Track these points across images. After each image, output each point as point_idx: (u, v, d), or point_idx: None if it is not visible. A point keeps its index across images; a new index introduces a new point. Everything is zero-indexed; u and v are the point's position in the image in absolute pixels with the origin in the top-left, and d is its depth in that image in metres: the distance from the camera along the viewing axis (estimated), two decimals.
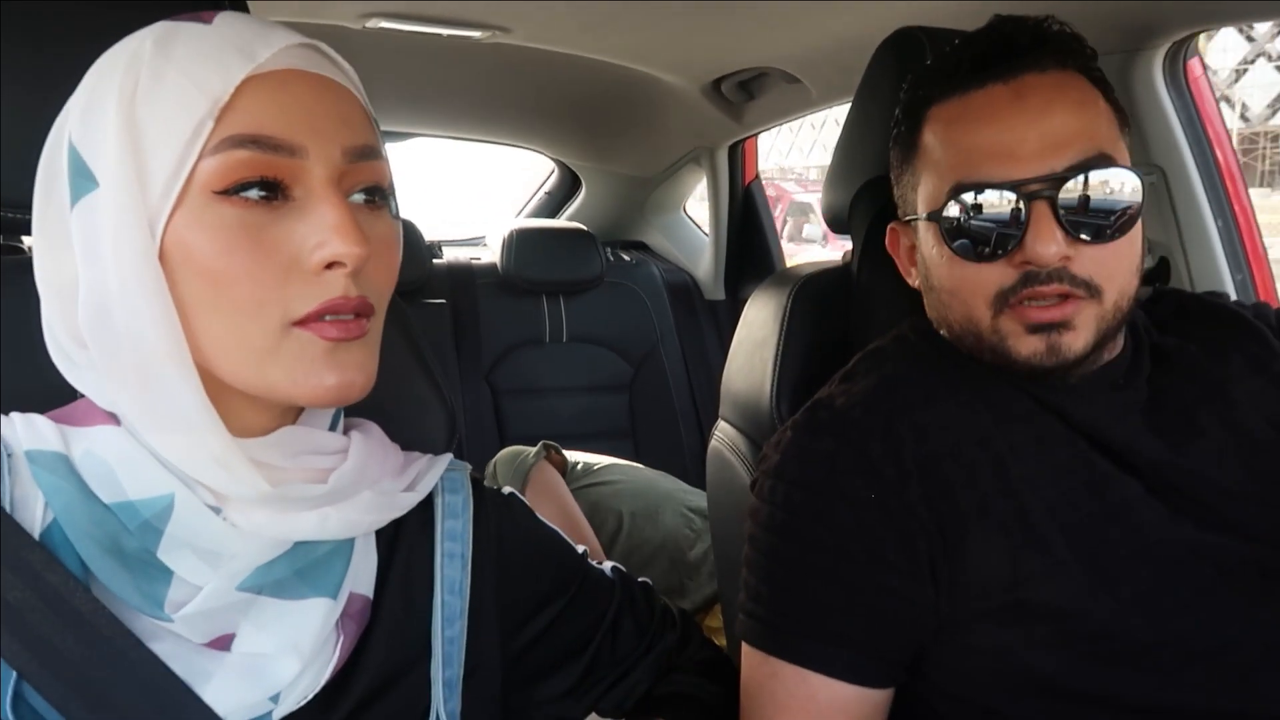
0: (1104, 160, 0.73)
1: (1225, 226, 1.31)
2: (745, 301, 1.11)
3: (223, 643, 0.55)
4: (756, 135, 2.34)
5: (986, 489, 0.74)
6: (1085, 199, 0.72)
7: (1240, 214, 1.33)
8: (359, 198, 0.56)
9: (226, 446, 0.53)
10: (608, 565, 0.81)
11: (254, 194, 0.51)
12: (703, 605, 1.81)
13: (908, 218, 0.84)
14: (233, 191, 0.51)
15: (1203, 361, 0.83)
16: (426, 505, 0.68)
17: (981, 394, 0.80)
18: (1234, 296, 1.31)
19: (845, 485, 0.76)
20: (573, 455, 1.98)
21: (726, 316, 2.60)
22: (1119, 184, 0.73)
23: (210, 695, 0.54)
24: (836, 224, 1.08)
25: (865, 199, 1.01)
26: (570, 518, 1.78)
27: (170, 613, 0.53)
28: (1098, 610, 0.71)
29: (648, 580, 0.84)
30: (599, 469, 1.93)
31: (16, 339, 0.62)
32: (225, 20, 0.55)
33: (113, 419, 0.55)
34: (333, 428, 0.63)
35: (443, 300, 2.36)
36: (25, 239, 0.87)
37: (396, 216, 0.61)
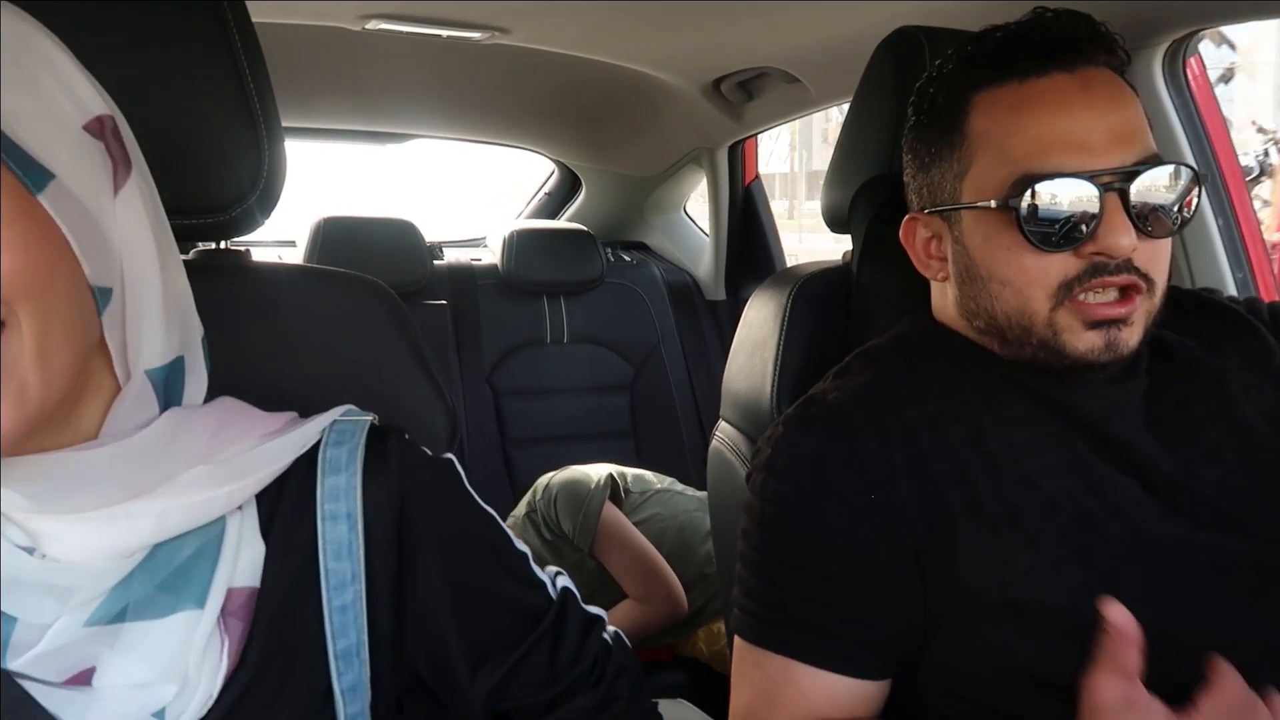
0: (1160, 158, 0.74)
1: (1226, 225, 1.32)
2: (746, 301, 1.11)
3: (82, 678, 0.52)
4: (756, 135, 2.34)
5: (978, 488, 0.75)
6: (1154, 194, 0.74)
7: (1241, 212, 1.33)
8: None
9: None
10: (560, 583, 0.72)
11: None
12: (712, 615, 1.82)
13: (940, 207, 0.81)
14: None
15: (1201, 357, 0.83)
16: (312, 466, 0.61)
17: (979, 393, 0.80)
18: (1235, 294, 1.31)
19: (834, 480, 0.76)
20: (615, 470, 1.94)
21: (727, 316, 2.59)
22: (1179, 181, 0.75)
23: None
24: (836, 223, 1.08)
25: (865, 198, 1.01)
26: (644, 558, 1.75)
27: (13, 658, 0.50)
28: (1093, 607, 0.71)
29: (600, 615, 0.73)
30: (644, 506, 1.88)
31: None
32: None
33: None
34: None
35: (443, 301, 2.36)
36: None
37: (33, 189, 0.47)
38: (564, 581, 0.72)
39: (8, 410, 0.46)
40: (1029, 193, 0.72)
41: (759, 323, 1.05)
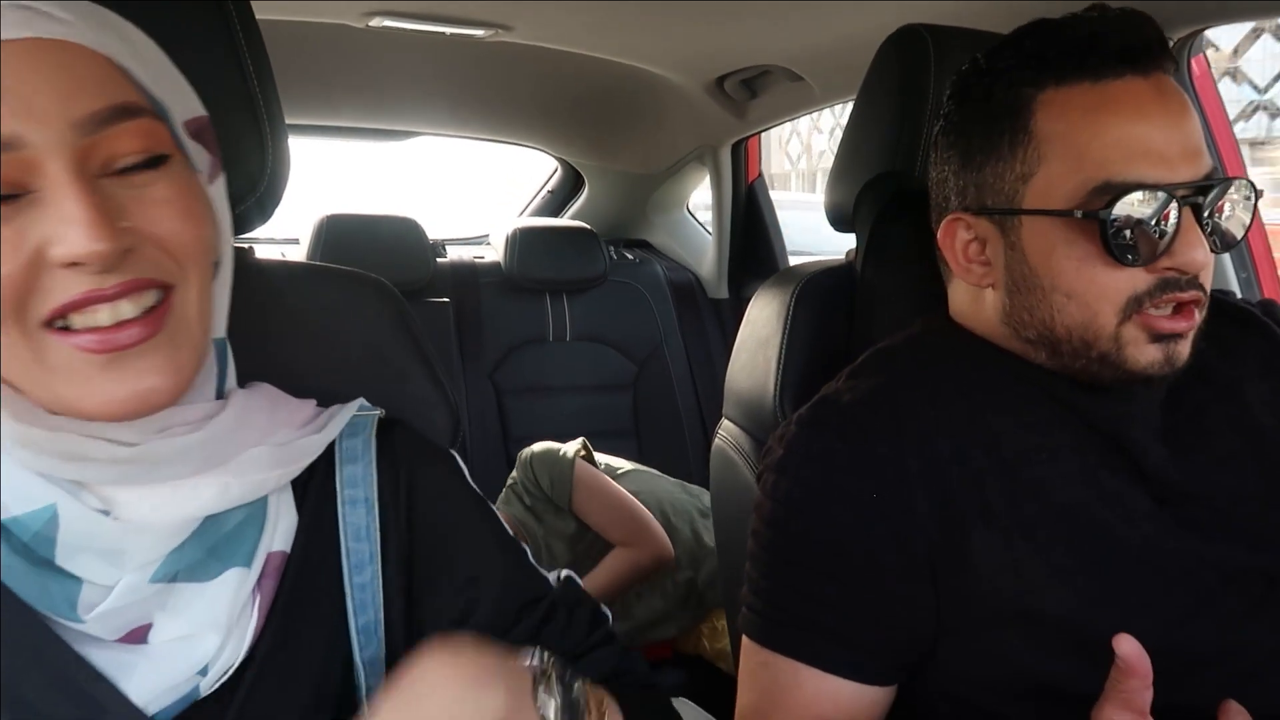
0: (1219, 172, 0.72)
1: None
2: (749, 300, 1.11)
3: (138, 635, 0.54)
4: (759, 133, 2.34)
5: (991, 495, 0.74)
6: (1220, 210, 0.71)
7: None
8: (123, 170, 0.50)
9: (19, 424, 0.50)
10: (560, 573, 0.73)
11: None
12: (710, 608, 1.82)
13: (995, 210, 0.76)
14: None
15: (1215, 361, 0.82)
16: (330, 454, 0.65)
17: (994, 397, 0.78)
18: (1239, 294, 1.31)
19: (845, 483, 0.75)
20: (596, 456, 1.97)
21: (730, 315, 2.59)
22: (1242, 196, 0.73)
23: (135, 685, 0.53)
24: (840, 221, 1.08)
25: (869, 196, 1.00)
26: (623, 504, 1.80)
27: (84, 613, 0.52)
28: (1103, 618, 0.70)
29: (606, 614, 0.73)
30: (619, 476, 1.92)
31: None
32: None
33: None
34: (220, 396, 0.61)
35: (446, 299, 2.36)
36: None
37: (192, 163, 0.55)
38: (566, 573, 0.74)
39: (174, 378, 0.52)
40: (1112, 203, 0.69)
41: (762, 321, 1.04)
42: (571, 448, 1.88)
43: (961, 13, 1.23)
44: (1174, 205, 0.69)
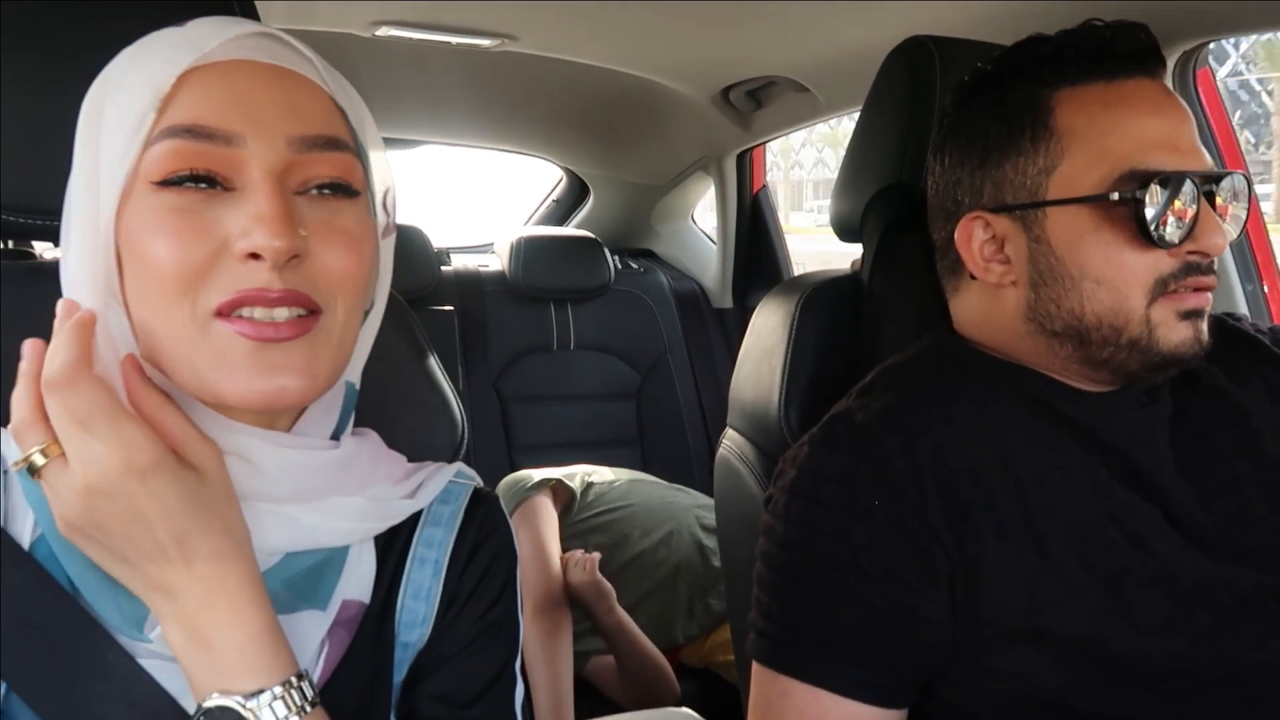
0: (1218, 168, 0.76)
1: (1236, 238, 1.31)
2: (753, 309, 1.11)
3: None
4: (764, 144, 2.34)
5: (1004, 513, 0.73)
6: (1231, 200, 0.76)
7: (1251, 226, 1.33)
8: (315, 192, 0.54)
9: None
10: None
11: (190, 185, 0.51)
12: (719, 618, 1.80)
13: (1018, 204, 0.78)
14: (170, 182, 0.51)
15: (1225, 385, 0.82)
16: (418, 511, 0.65)
17: (1005, 415, 0.78)
18: (1244, 307, 1.31)
19: (862, 502, 0.74)
20: (585, 469, 1.95)
21: (734, 325, 2.59)
22: (1243, 191, 0.77)
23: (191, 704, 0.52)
24: (846, 232, 1.08)
25: (877, 207, 1.00)
26: (540, 550, 1.76)
27: (149, 631, 0.52)
28: (1115, 637, 0.70)
29: None
30: (611, 494, 1.90)
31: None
32: (197, 23, 0.55)
33: None
34: (336, 437, 0.62)
35: (451, 308, 2.36)
36: (35, 244, 0.88)
37: (373, 213, 0.60)
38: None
39: (308, 381, 0.54)
40: (1142, 187, 0.71)
41: (767, 330, 1.04)
42: (542, 475, 1.85)
43: (968, 24, 1.23)
44: (1194, 190, 0.71)
